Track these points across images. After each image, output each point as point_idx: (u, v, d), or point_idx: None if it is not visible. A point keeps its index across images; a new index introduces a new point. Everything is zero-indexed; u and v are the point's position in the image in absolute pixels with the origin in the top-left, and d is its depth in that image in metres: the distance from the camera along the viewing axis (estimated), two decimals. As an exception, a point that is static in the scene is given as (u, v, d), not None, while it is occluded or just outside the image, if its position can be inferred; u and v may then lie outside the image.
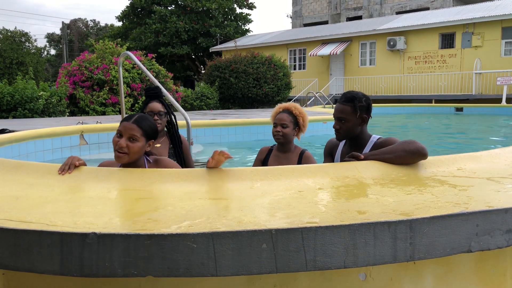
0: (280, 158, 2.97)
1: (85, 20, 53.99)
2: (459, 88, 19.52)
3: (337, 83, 23.33)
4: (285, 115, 2.93)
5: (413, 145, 2.13)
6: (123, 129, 2.13)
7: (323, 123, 8.57)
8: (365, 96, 2.50)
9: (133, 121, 2.15)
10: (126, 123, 2.14)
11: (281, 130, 2.90)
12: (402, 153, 2.14)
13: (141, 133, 2.14)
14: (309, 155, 2.96)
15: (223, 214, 1.49)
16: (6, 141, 4.89)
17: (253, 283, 1.50)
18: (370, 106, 2.49)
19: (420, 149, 2.11)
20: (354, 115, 2.43)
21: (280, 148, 3.00)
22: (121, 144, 2.10)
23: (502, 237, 1.54)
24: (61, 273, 1.35)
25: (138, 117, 2.20)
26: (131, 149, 2.11)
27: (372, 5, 29.50)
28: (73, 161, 2.09)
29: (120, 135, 2.14)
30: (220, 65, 18.96)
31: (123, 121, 2.17)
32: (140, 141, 2.14)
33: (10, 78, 21.46)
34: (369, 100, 2.50)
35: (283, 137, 2.91)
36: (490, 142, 8.73)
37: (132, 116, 2.20)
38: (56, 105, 12.19)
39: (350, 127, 2.46)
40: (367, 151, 2.44)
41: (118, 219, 1.46)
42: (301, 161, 2.92)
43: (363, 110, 2.45)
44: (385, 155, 2.18)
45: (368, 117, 2.48)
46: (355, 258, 1.39)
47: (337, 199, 1.70)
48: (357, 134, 2.50)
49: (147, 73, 5.56)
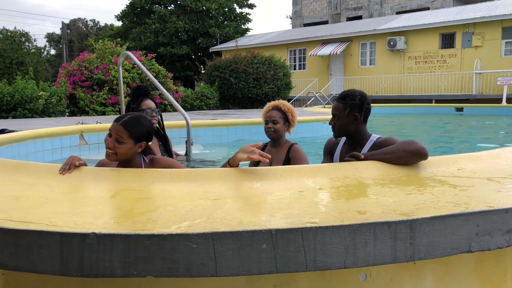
0: (272, 152, 3.11)
1: (85, 20, 54.02)
2: (459, 88, 19.52)
3: (337, 83, 23.32)
4: (274, 112, 3.12)
5: (413, 146, 2.12)
6: (112, 129, 2.16)
7: (323, 123, 8.57)
8: (361, 95, 2.48)
9: (121, 122, 2.14)
10: (115, 124, 2.16)
11: (272, 126, 3.09)
12: (402, 153, 2.14)
13: (128, 136, 2.13)
14: (297, 148, 3.10)
15: (223, 214, 1.49)
16: (6, 141, 4.89)
17: (253, 283, 1.50)
18: (365, 105, 2.47)
19: (421, 149, 2.11)
20: (345, 113, 2.46)
21: (272, 143, 3.17)
22: (108, 144, 2.15)
23: (502, 237, 1.54)
24: (61, 273, 1.35)
25: (128, 119, 2.17)
26: (117, 149, 2.14)
27: (372, 5, 29.50)
28: (74, 161, 2.10)
29: (110, 134, 2.16)
30: (220, 65, 18.95)
31: (114, 121, 2.18)
32: (127, 143, 2.14)
33: (10, 78, 21.47)
34: (365, 99, 2.48)
35: (275, 132, 3.09)
36: (490, 142, 8.73)
37: (123, 117, 2.19)
38: (56, 105, 12.18)
39: (342, 124, 2.49)
40: (366, 150, 2.44)
41: (118, 219, 1.46)
42: (289, 153, 3.06)
43: (354, 108, 2.45)
44: (385, 155, 2.17)
45: (361, 116, 2.46)
46: (355, 258, 1.39)
47: (337, 199, 1.70)
48: (353, 132, 2.50)
49: (147, 73, 5.56)
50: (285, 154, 3.06)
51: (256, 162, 3.18)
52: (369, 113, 2.52)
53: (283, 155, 3.06)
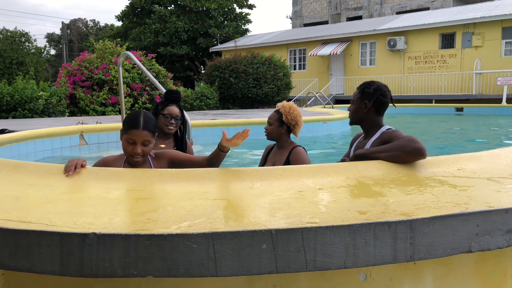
0: (275, 154, 3.15)
1: (85, 20, 54.02)
2: (459, 88, 19.52)
3: (337, 83, 23.33)
4: (272, 113, 3.16)
5: (411, 145, 2.11)
6: (136, 137, 2.19)
7: (323, 123, 8.56)
8: (377, 86, 2.53)
9: (143, 127, 2.20)
10: (138, 131, 2.19)
11: (266, 128, 3.14)
12: (398, 152, 2.13)
13: (151, 136, 2.24)
14: (298, 150, 3.08)
15: (223, 214, 1.49)
16: (6, 141, 4.89)
17: (253, 283, 1.50)
18: (376, 96, 2.50)
19: (417, 149, 2.09)
20: (358, 100, 2.54)
21: (277, 145, 3.19)
22: (137, 151, 2.20)
23: (502, 237, 1.53)
24: (61, 273, 1.35)
25: (144, 120, 2.23)
26: (145, 152, 2.23)
27: (372, 5, 29.50)
28: (79, 162, 2.08)
29: (133, 142, 2.20)
30: (220, 65, 18.96)
31: (132, 129, 2.20)
32: (152, 142, 2.26)
33: (10, 78, 21.46)
34: (379, 90, 2.51)
35: (268, 134, 3.14)
36: (490, 142, 8.73)
37: (138, 121, 2.21)
38: (56, 105, 12.19)
39: (354, 110, 2.58)
40: (373, 140, 2.47)
41: (118, 219, 1.46)
42: (289, 156, 3.06)
43: (366, 96, 2.52)
44: (381, 153, 2.17)
45: (370, 104, 2.50)
46: (355, 258, 1.39)
47: (337, 199, 1.70)
48: (364, 120, 2.55)
49: (147, 73, 5.57)
50: (286, 156, 3.06)
51: (262, 162, 3.22)
52: (382, 105, 2.53)
53: (284, 157, 3.07)
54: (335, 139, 8.54)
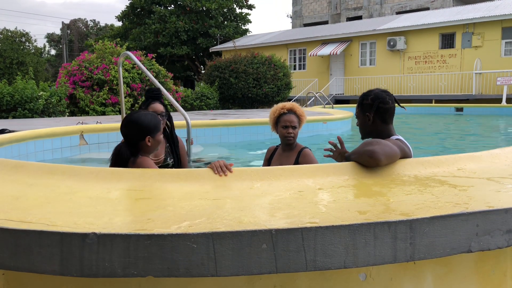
0: (282, 156, 3.04)
1: (85, 20, 54.03)
2: (459, 88, 19.53)
3: (337, 83, 23.32)
4: (293, 116, 2.98)
5: (363, 148, 2.08)
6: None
7: (323, 123, 8.56)
8: (375, 95, 2.42)
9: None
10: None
11: (292, 131, 2.95)
12: (357, 155, 2.10)
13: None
14: (307, 152, 3.01)
15: (223, 214, 1.49)
16: (6, 141, 4.89)
17: (253, 283, 1.50)
18: (376, 105, 2.39)
19: (367, 151, 2.03)
20: (360, 114, 2.47)
21: (285, 147, 3.06)
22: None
23: (502, 237, 1.53)
24: (61, 273, 1.35)
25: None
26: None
27: (372, 5, 29.50)
28: (225, 163, 2.05)
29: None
30: (220, 65, 18.95)
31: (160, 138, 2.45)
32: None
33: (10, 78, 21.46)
34: (377, 99, 2.40)
35: (294, 138, 2.97)
36: (490, 142, 8.73)
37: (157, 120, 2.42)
38: (56, 105, 12.18)
39: (360, 125, 2.50)
40: None
41: (118, 219, 1.46)
42: (299, 157, 2.97)
43: (366, 108, 2.42)
44: (353, 155, 2.14)
45: (371, 115, 2.40)
46: (355, 258, 1.39)
47: (337, 199, 1.70)
48: (372, 132, 2.44)
49: (147, 73, 5.56)
50: (295, 158, 2.98)
51: (267, 161, 3.17)
52: (386, 112, 2.41)
53: (293, 159, 2.98)
54: (335, 139, 8.50)
